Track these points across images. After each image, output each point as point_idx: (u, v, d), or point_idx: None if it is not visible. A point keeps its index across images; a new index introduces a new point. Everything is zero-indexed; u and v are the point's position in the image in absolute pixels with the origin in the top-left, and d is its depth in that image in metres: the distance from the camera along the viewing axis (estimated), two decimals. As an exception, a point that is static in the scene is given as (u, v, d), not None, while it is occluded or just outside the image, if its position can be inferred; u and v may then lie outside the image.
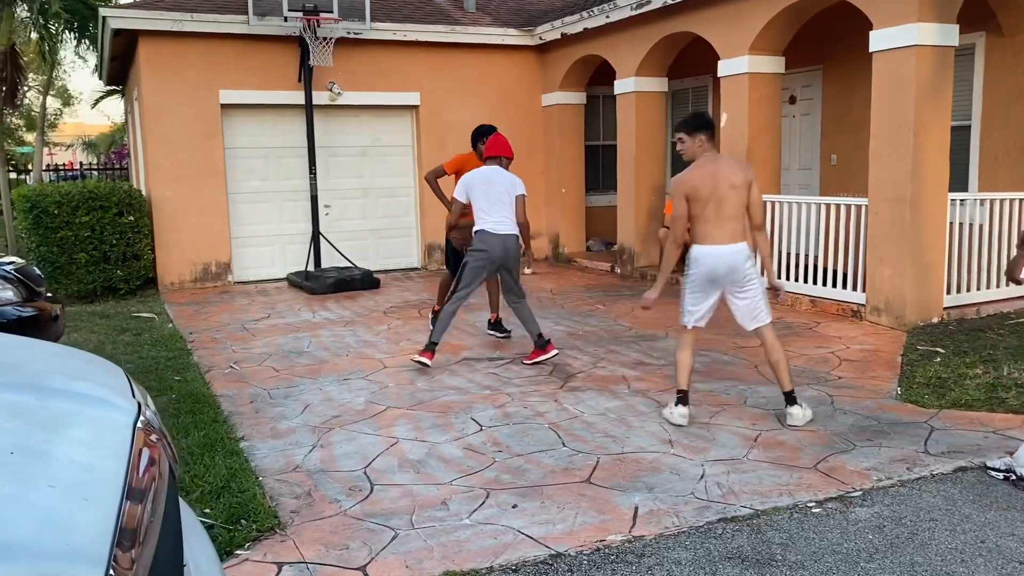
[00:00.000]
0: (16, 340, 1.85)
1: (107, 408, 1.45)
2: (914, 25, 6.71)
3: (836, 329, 7.27)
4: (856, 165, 9.30)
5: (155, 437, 1.51)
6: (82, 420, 1.36)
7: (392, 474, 4.22)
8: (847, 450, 4.42)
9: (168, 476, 1.43)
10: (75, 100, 29.21)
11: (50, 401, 1.39)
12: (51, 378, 1.54)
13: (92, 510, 1.12)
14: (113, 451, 1.29)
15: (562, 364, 6.35)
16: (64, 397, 1.43)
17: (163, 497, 1.33)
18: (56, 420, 1.32)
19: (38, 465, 1.18)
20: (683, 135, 4.94)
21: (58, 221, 9.32)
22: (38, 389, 1.43)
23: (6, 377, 1.48)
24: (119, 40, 10.61)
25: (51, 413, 1.34)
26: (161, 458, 1.46)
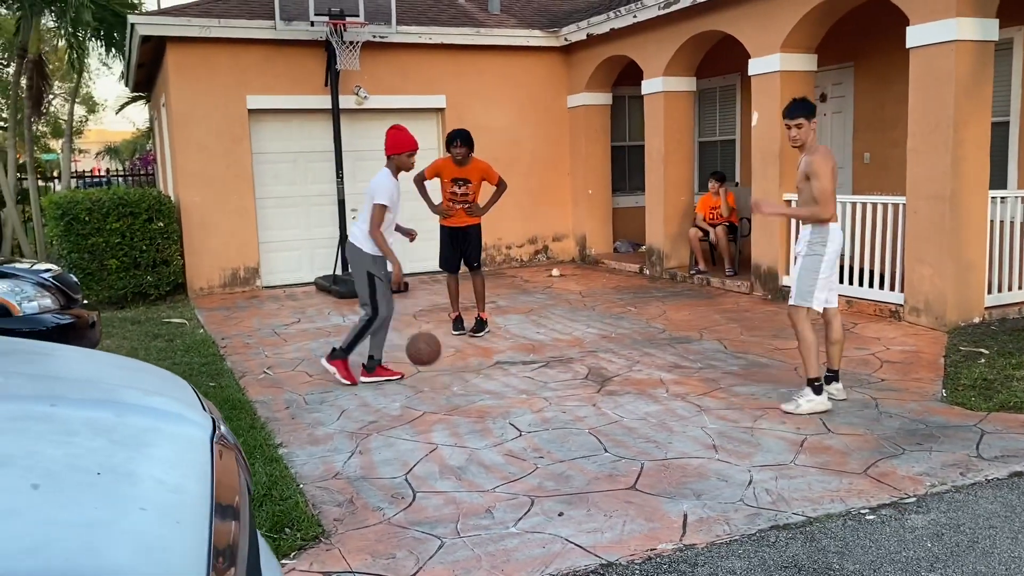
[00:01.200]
0: (81, 352, 1.82)
1: (184, 424, 1.41)
2: (953, 20, 6.58)
3: (875, 330, 7.15)
4: (891, 163, 9.16)
5: (232, 452, 1.46)
6: (162, 437, 1.32)
7: (434, 481, 4.17)
8: (896, 455, 4.32)
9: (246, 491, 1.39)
10: (100, 107, 29.47)
11: (128, 417, 1.35)
12: (125, 393, 1.50)
13: (185, 533, 1.08)
14: (196, 469, 1.25)
15: (598, 368, 6.28)
16: (141, 413, 1.39)
17: (247, 514, 1.28)
18: (137, 438, 1.28)
19: (126, 486, 1.14)
20: (803, 120, 5.05)
21: (89, 228, 9.38)
22: (115, 405, 1.40)
23: (82, 392, 1.44)
24: (147, 47, 10.67)
25: (131, 430, 1.30)
26: (240, 473, 1.41)
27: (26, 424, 1.21)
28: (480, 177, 7.45)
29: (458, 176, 7.43)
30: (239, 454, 1.56)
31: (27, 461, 1.13)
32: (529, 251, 12.41)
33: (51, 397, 1.36)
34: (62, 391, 1.43)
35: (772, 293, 8.76)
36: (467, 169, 7.42)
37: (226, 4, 10.76)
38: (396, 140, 6.06)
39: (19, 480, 1.07)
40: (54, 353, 1.75)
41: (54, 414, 1.27)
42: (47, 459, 1.14)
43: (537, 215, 12.33)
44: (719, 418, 4.99)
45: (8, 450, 1.13)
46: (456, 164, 7.41)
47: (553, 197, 12.42)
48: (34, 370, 1.57)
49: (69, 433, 1.22)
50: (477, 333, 7.54)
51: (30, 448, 1.16)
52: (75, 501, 1.06)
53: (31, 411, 1.26)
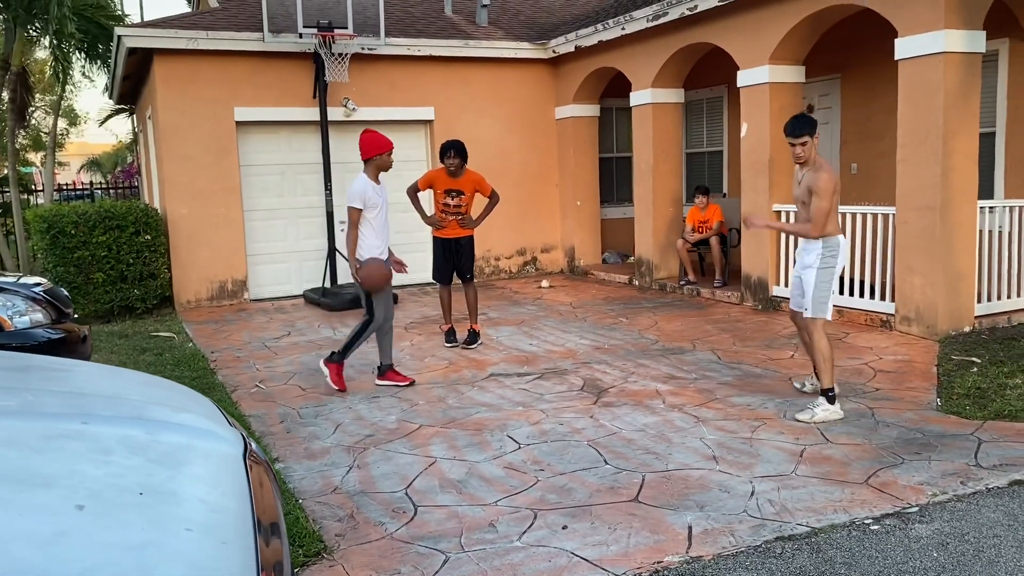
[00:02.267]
0: (100, 368, 1.78)
1: (216, 441, 1.38)
2: (941, 32, 6.65)
3: (866, 340, 7.18)
4: (878, 174, 9.24)
5: (263, 468, 1.43)
6: (197, 455, 1.28)
7: (434, 495, 4.13)
8: (896, 464, 4.32)
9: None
10: (82, 120, 29.22)
11: (160, 434, 1.32)
12: (153, 409, 1.46)
13: (233, 553, 1.04)
14: (235, 487, 1.22)
15: (593, 379, 6.27)
16: (172, 430, 1.36)
17: (284, 530, 1.25)
18: (173, 456, 1.25)
19: (170, 506, 1.10)
20: (807, 138, 5.10)
21: (75, 241, 9.27)
22: (145, 422, 1.36)
23: (111, 409, 1.40)
24: (133, 59, 10.59)
25: (165, 448, 1.26)
26: (274, 490, 1.38)
27: (61, 443, 1.18)
28: (473, 188, 7.46)
29: (451, 187, 7.44)
30: (269, 469, 1.53)
31: (69, 481, 1.09)
32: (518, 262, 12.40)
33: (81, 414, 1.32)
34: (91, 408, 1.39)
35: (762, 303, 8.79)
36: (460, 180, 7.43)
37: (213, 16, 10.72)
38: (371, 143, 6.10)
39: (64, 501, 1.04)
40: (74, 369, 1.71)
41: (86, 432, 1.23)
42: (88, 479, 1.11)
43: (526, 226, 12.33)
44: (717, 429, 4.99)
45: (48, 470, 1.09)
46: (449, 175, 7.44)
47: (541, 208, 12.43)
48: (58, 387, 1.53)
49: (105, 452, 1.19)
50: (470, 345, 7.52)
51: (70, 468, 1.12)
52: (121, 522, 1.03)
53: (64, 429, 1.22)
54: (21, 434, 1.15)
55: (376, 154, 6.08)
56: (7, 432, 1.17)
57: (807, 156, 5.14)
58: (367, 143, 6.09)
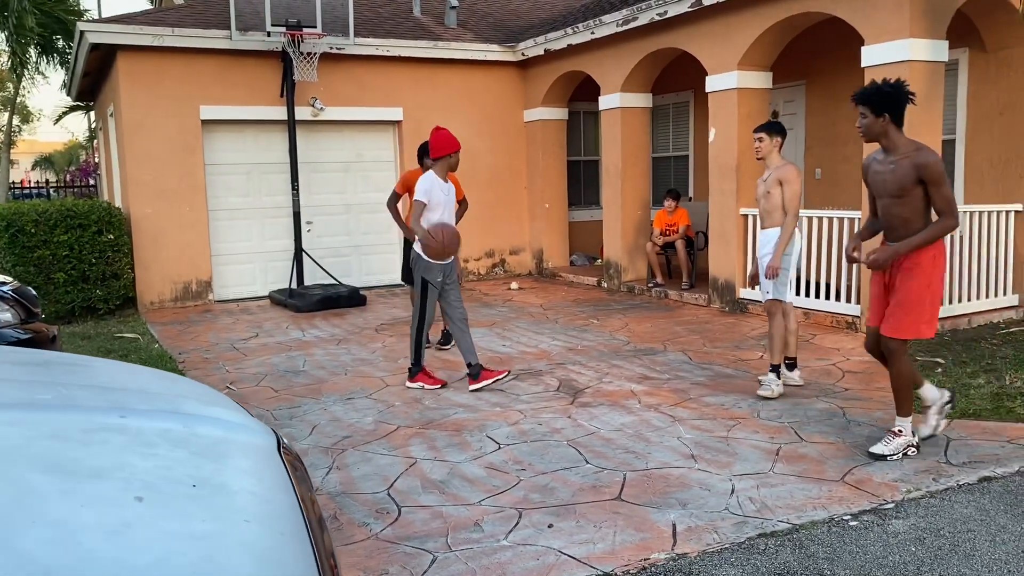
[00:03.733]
0: (117, 364, 1.74)
1: (252, 434, 1.36)
2: (906, 41, 6.82)
3: (832, 341, 7.32)
4: (842, 178, 9.43)
5: (297, 461, 1.42)
6: (236, 448, 1.27)
7: (417, 495, 4.12)
8: (870, 462, 4.42)
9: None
10: (35, 117, 28.54)
11: (197, 428, 1.30)
12: (185, 403, 1.44)
13: (292, 544, 1.03)
14: (279, 480, 1.21)
15: (568, 380, 6.30)
16: (208, 424, 1.34)
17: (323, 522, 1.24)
18: (214, 449, 1.23)
19: (224, 498, 1.09)
20: (763, 134, 5.64)
21: (35, 240, 9.06)
22: (181, 416, 1.34)
23: (146, 403, 1.37)
24: (95, 55, 10.39)
25: (205, 442, 1.24)
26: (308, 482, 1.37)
27: (105, 435, 1.15)
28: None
29: None
30: (301, 463, 1.52)
31: (121, 473, 1.07)
32: (486, 264, 12.41)
33: (118, 408, 1.29)
34: (125, 401, 1.36)
35: (729, 305, 8.91)
36: None
37: (179, 13, 10.56)
38: (444, 142, 6.11)
39: (122, 493, 1.02)
40: (93, 364, 1.67)
41: (127, 426, 1.21)
42: (140, 471, 1.09)
43: (494, 229, 12.35)
44: (693, 428, 5.05)
45: (98, 462, 1.07)
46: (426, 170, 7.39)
47: (510, 211, 12.45)
48: (85, 380, 1.49)
49: (148, 445, 1.16)
50: (444, 346, 7.50)
51: (119, 460, 1.10)
52: (182, 513, 1.01)
53: (104, 422, 1.20)
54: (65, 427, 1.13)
55: (446, 153, 6.11)
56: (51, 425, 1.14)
57: (764, 152, 5.64)
58: (440, 142, 6.09)
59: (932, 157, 4.28)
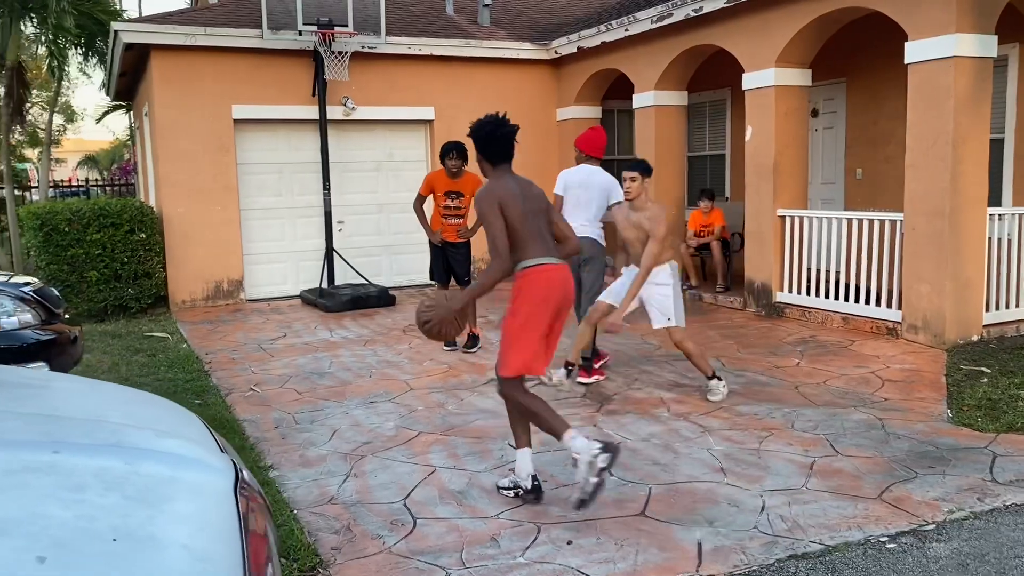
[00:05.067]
0: (80, 383, 1.64)
1: (205, 471, 1.25)
2: (952, 36, 6.54)
3: (872, 348, 7.06)
4: (883, 179, 9.12)
5: (256, 501, 1.29)
6: (182, 490, 1.15)
7: (434, 506, 4.00)
8: (909, 478, 4.20)
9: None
10: (78, 116, 29.03)
11: (141, 465, 1.18)
12: (135, 435, 1.32)
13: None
14: (224, 528, 1.09)
15: (596, 386, 6.14)
16: (155, 460, 1.22)
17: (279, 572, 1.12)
18: (154, 491, 1.12)
19: (148, 554, 0.97)
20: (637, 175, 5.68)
21: (69, 239, 9.12)
22: (126, 450, 1.23)
23: (88, 435, 1.26)
24: (130, 55, 10.45)
25: (147, 482, 1.13)
26: (268, 527, 1.25)
27: (27, 478, 1.04)
28: (472, 190, 7.41)
29: (451, 189, 7.44)
30: (264, 501, 1.40)
31: (31, 527, 0.96)
32: (517, 265, 12.25)
33: (53, 442, 1.18)
34: (64, 434, 1.25)
35: (766, 309, 8.67)
36: (460, 182, 7.44)
37: (212, 13, 10.58)
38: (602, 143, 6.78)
39: (23, 553, 0.90)
40: (49, 385, 1.57)
41: (58, 464, 1.10)
42: (55, 523, 0.98)
43: (526, 229, 12.17)
44: (724, 439, 4.86)
45: (9, 513, 0.96)
46: (449, 177, 7.44)
47: (542, 211, 12.27)
48: (30, 407, 1.39)
49: (77, 488, 1.05)
50: (470, 349, 7.39)
51: (34, 510, 0.99)
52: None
53: (32, 461, 1.09)
54: (-21, 468, 1.03)
55: (600, 155, 6.78)
56: (-39, 466, 1.04)
57: (635, 193, 5.68)
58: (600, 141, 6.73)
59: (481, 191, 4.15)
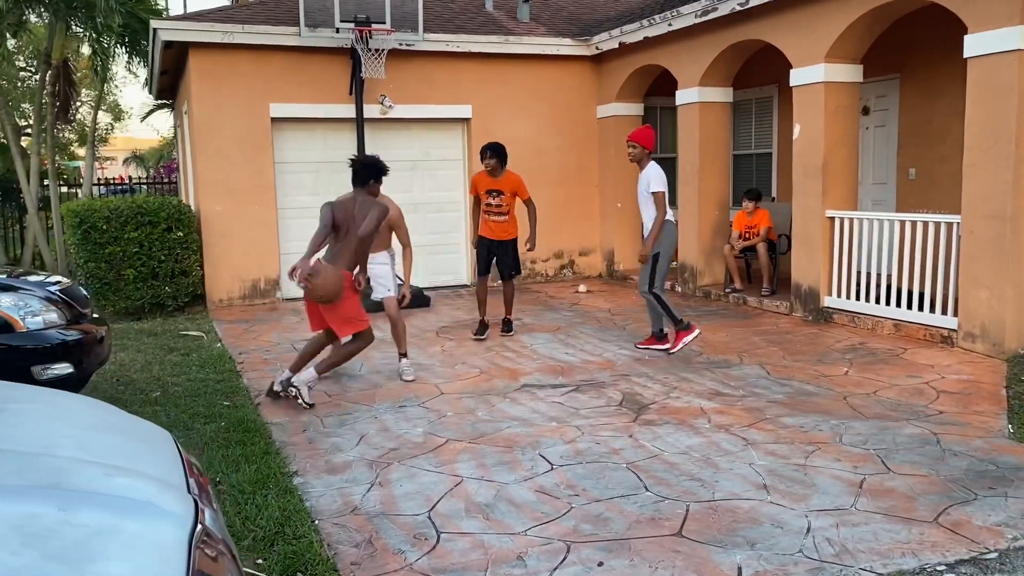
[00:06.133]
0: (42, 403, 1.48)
1: (152, 518, 1.07)
2: (1016, 28, 6.18)
3: (926, 356, 6.72)
4: (938, 179, 8.74)
5: (217, 556, 1.11)
6: (118, 543, 0.98)
7: (459, 520, 3.82)
8: (968, 500, 3.91)
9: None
10: (126, 115, 29.44)
11: (78, 512, 1.02)
12: (80, 472, 1.16)
13: None
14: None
15: (633, 393, 5.91)
16: (96, 505, 1.05)
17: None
18: (83, 547, 0.95)
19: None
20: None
21: (107, 236, 9.15)
22: (63, 494, 1.06)
23: (21, 474, 1.09)
24: (169, 53, 10.47)
25: (77, 534, 0.96)
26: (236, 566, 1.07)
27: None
28: (512, 189, 7.68)
29: (492, 187, 7.70)
30: (230, 552, 1.22)
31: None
32: (554, 266, 12.06)
33: (-24, 484, 1.03)
34: (-5, 473, 1.09)
35: (813, 314, 8.34)
36: (500, 181, 7.68)
37: (250, 11, 10.55)
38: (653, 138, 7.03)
39: None
40: (4, 406, 1.41)
41: (-30, 512, 0.94)
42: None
43: (563, 229, 11.98)
44: (768, 453, 4.61)
45: None
46: (489, 176, 7.70)
47: (580, 210, 12.07)
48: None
49: (-10, 545, 0.89)
50: (506, 333, 7.86)
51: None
52: None
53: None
54: None
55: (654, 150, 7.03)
56: None
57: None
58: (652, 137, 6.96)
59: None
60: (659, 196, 6.82)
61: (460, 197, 11.56)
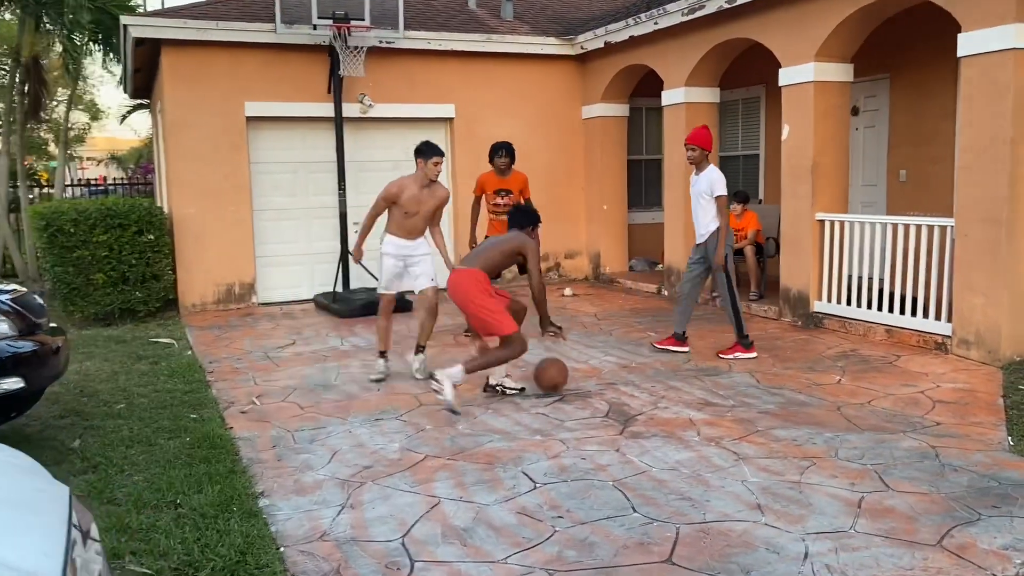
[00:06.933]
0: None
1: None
2: (1012, 26, 6.00)
3: (920, 364, 6.53)
4: (929, 181, 8.57)
5: None
6: None
7: (435, 546, 3.57)
8: (972, 521, 3.71)
9: None
10: (104, 114, 28.92)
11: None
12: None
13: None
14: None
15: (619, 404, 5.68)
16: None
17: None
18: None
19: None
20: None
21: (74, 240, 8.83)
22: None
23: None
24: (142, 50, 10.16)
25: None
26: None
27: None
28: (519, 187, 7.84)
29: (501, 187, 7.83)
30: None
31: None
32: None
33: None
34: None
35: (803, 319, 8.15)
36: (508, 180, 7.84)
37: (225, 7, 10.25)
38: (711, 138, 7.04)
39: None
40: None
41: None
42: None
43: (549, 231, 11.70)
44: (761, 469, 4.39)
45: None
46: (498, 175, 7.83)
47: (566, 212, 11.84)
48: None
49: None
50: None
51: None
52: None
53: None
54: None
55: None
56: None
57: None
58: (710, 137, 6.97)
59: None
60: (723, 200, 6.76)
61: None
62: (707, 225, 6.85)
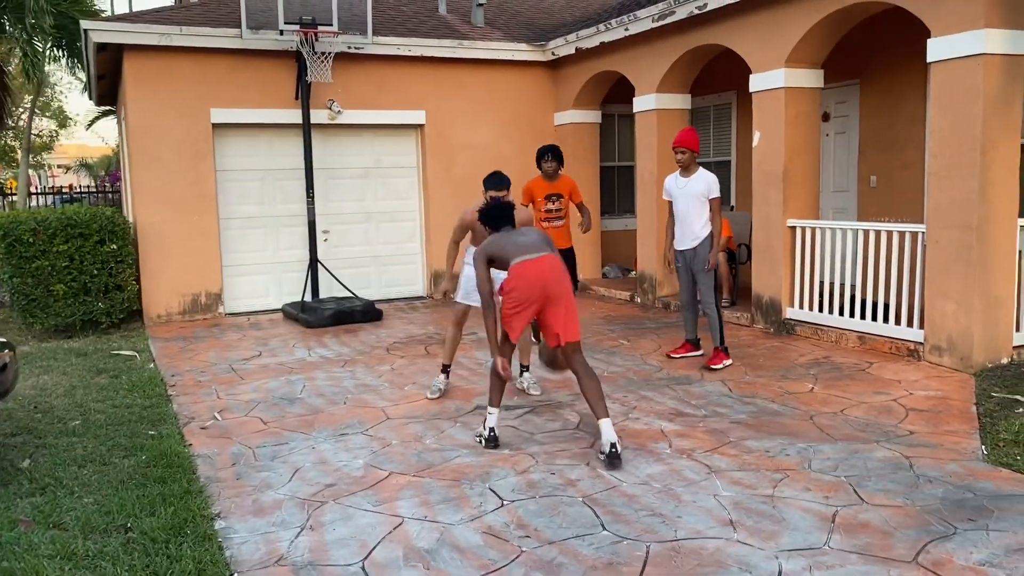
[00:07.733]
0: None
1: None
2: (981, 31, 5.99)
3: (893, 371, 6.49)
4: (900, 187, 8.56)
5: None
6: None
7: (396, 570, 3.43)
8: (948, 535, 3.63)
9: None
10: (72, 122, 28.48)
11: None
12: None
13: None
14: None
15: (590, 415, 5.56)
16: None
17: None
18: None
19: None
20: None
21: (33, 250, 8.58)
22: None
23: None
24: (104, 56, 9.94)
25: None
26: None
27: None
28: (569, 191, 7.40)
29: (551, 192, 7.39)
30: None
31: None
32: (513, 276, 11.69)
33: None
34: None
35: (775, 326, 8.10)
36: (558, 184, 7.40)
37: (190, 12, 10.06)
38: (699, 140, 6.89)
39: None
40: None
41: None
42: None
43: (521, 238, 11.62)
44: (733, 483, 4.30)
45: None
46: (547, 180, 7.38)
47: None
48: None
49: None
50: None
51: None
52: None
53: None
54: None
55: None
56: None
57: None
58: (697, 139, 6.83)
59: None
60: (717, 202, 6.72)
61: (415, 206, 11.17)
62: (701, 229, 6.72)
